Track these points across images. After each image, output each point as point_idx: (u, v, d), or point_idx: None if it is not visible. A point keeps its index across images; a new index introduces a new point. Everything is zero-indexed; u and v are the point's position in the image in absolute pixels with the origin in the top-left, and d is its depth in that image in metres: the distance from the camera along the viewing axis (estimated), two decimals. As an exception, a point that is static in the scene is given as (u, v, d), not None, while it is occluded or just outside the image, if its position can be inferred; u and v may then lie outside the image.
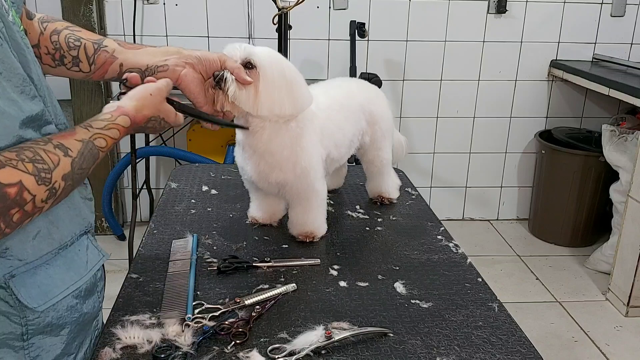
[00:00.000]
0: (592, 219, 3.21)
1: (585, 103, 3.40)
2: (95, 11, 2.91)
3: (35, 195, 0.73)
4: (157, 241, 1.29)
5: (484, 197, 3.55)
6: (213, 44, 3.07)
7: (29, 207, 0.73)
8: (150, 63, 1.06)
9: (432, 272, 1.20)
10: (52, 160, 0.76)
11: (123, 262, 2.82)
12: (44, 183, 0.74)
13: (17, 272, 0.80)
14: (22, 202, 0.71)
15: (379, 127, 1.46)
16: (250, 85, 1.13)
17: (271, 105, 1.15)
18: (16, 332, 0.82)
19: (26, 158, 0.72)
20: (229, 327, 0.97)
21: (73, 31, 1.03)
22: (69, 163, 0.78)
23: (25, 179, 0.71)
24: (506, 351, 0.95)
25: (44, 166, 0.74)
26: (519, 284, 2.88)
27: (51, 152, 0.76)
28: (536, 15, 3.19)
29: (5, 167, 0.70)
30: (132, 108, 0.92)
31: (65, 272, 0.88)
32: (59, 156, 0.77)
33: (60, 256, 0.87)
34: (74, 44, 1.02)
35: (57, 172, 0.76)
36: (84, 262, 0.91)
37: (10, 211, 0.70)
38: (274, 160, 1.22)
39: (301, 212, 1.30)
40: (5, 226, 0.71)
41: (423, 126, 3.36)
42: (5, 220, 0.70)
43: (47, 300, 0.84)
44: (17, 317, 0.81)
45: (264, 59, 1.14)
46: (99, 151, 0.85)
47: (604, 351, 2.38)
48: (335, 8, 3.03)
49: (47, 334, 0.86)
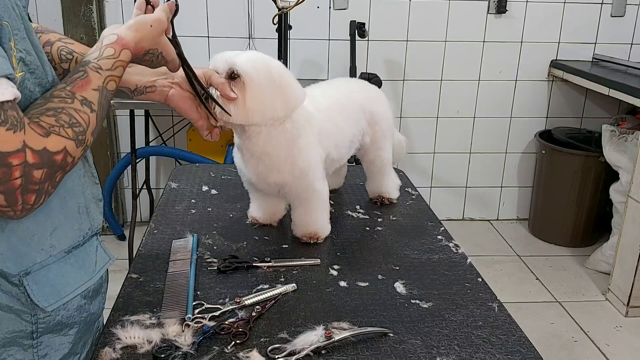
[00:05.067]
0: (592, 219, 3.21)
1: (585, 103, 3.40)
2: (95, 11, 2.91)
3: (75, 157, 0.77)
4: (157, 241, 1.29)
5: (484, 197, 3.55)
6: (213, 44, 3.07)
7: (69, 168, 0.78)
8: (139, 84, 1.06)
9: (432, 272, 1.20)
10: (84, 121, 0.79)
11: (123, 262, 2.82)
12: (81, 144, 0.78)
13: (32, 269, 0.81)
14: (65, 165, 0.76)
15: (379, 128, 1.46)
16: (236, 99, 1.11)
17: (263, 111, 1.14)
18: (26, 330, 0.83)
19: (65, 123, 0.76)
20: (229, 327, 0.97)
21: (66, 44, 1.03)
22: (95, 118, 0.81)
23: (68, 145, 0.75)
24: (506, 351, 0.95)
25: (80, 129, 0.78)
26: (518, 284, 2.88)
27: (81, 112, 0.79)
28: (536, 15, 3.19)
29: (51, 135, 0.73)
30: (132, 40, 0.89)
31: (76, 271, 0.89)
32: (88, 114, 0.79)
33: (72, 255, 0.88)
34: (66, 57, 1.01)
35: (89, 131, 0.80)
36: (93, 263, 0.92)
37: (56, 174, 0.75)
38: (271, 161, 1.22)
39: (303, 213, 1.30)
40: (51, 187, 0.75)
41: (423, 126, 3.36)
42: (52, 183, 0.75)
43: (59, 299, 0.85)
44: (28, 315, 0.82)
45: (248, 67, 1.12)
46: (110, 95, 0.86)
47: (604, 351, 2.38)
48: (335, 8, 3.03)
49: (56, 332, 0.86)
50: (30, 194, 0.71)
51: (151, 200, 3.29)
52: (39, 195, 0.73)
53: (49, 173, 0.73)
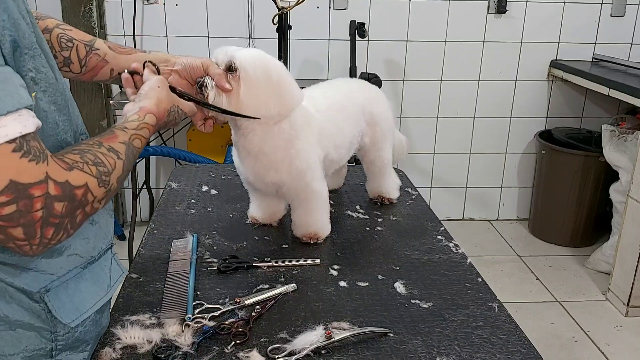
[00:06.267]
0: (592, 219, 3.20)
1: (585, 103, 3.40)
2: (95, 11, 2.91)
3: (96, 197, 0.76)
4: (157, 241, 1.29)
5: (484, 197, 3.55)
6: (213, 44, 3.07)
7: (89, 208, 0.75)
8: None
9: (432, 272, 1.20)
10: (110, 164, 0.79)
11: (123, 262, 2.82)
12: (104, 185, 0.77)
13: (51, 286, 0.81)
14: (85, 203, 0.74)
15: (379, 128, 1.46)
16: (231, 90, 1.12)
17: (255, 107, 1.14)
18: (46, 349, 0.82)
19: (89, 161, 0.75)
20: (229, 327, 0.97)
21: (65, 30, 1.03)
22: (122, 165, 0.81)
23: (90, 181, 0.74)
24: (506, 351, 0.95)
25: (104, 169, 0.77)
26: (519, 284, 2.88)
27: (107, 155, 0.79)
28: (536, 15, 3.19)
29: (73, 170, 0.72)
30: (153, 104, 0.95)
31: (93, 286, 0.88)
32: (114, 159, 0.80)
33: (88, 270, 0.88)
34: (67, 45, 1.02)
35: (114, 175, 0.79)
36: (108, 277, 0.92)
37: (76, 212, 0.73)
38: (268, 161, 1.22)
39: (303, 213, 1.30)
40: (70, 227, 0.73)
41: (423, 126, 3.36)
42: (71, 221, 0.73)
43: (80, 315, 0.85)
44: (48, 332, 0.81)
45: (246, 62, 1.13)
46: (137, 152, 0.88)
47: (604, 351, 2.38)
48: (335, 8, 3.03)
49: (73, 349, 0.86)
50: (50, 227, 0.69)
51: (151, 200, 3.29)
52: (57, 230, 0.71)
53: (69, 208, 0.71)
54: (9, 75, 0.65)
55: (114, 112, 3.14)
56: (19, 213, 0.65)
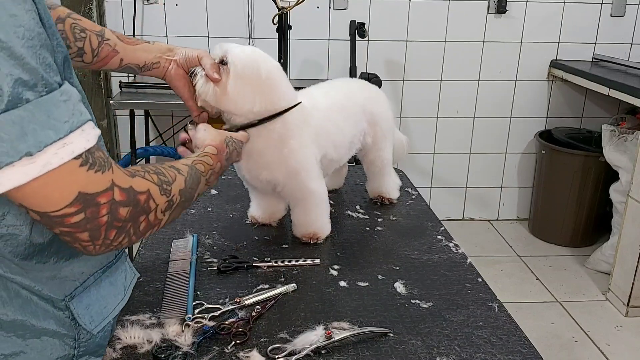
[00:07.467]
0: (592, 219, 3.20)
1: (585, 103, 3.40)
2: (95, 11, 2.91)
3: (158, 205, 0.78)
4: (157, 241, 1.29)
5: (484, 197, 3.55)
6: (213, 44, 3.04)
7: (152, 217, 0.77)
8: (147, 61, 1.13)
9: (432, 272, 1.20)
10: (170, 175, 0.83)
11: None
12: (165, 194, 0.80)
13: (75, 293, 0.82)
14: (148, 210, 0.76)
15: (379, 128, 1.46)
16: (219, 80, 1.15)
17: (239, 101, 1.16)
18: (68, 355, 0.82)
19: (150, 170, 0.80)
20: (229, 327, 0.97)
21: (76, 20, 1.04)
22: (183, 180, 0.86)
23: (152, 188, 0.77)
24: (506, 351, 0.95)
25: (165, 179, 0.81)
26: (519, 284, 2.88)
27: (168, 169, 0.84)
28: (536, 15, 3.19)
29: (136, 177, 0.75)
30: (209, 140, 1.04)
31: (113, 291, 0.89)
32: (175, 173, 0.85)
33: (105, 276, 0.88)
34: (80, 36, 1.03)
35: (175, 186, 0.83)
36: (124, 281, 0.93)
37: (140, 217, 0.75)
38: (262, 160, 1.23)
39: (302, 213, 1.30)
40: (133, 232, 0.75)
41: (423, 126, 3.36)
42: (134, 226, 0.75)
43: (102, 320, 0.85)
44: (71, 339, 0.82)
45: (237, 57, 1.16)
46: (200, 175, 0.92)
47: (604, 351, 2.38)
48: (335, 8, 3.03)
49: (92, 355, 0.86)
50: (113, 230, 0.71)
51: (151, 200, 3.28)
52: (119, 233, 0.72)
53: (133, 213, 0.73)
54: (70, 92, 0.66)
55: (114, 112, 3.14)
56: (86, 220, 0.68)
